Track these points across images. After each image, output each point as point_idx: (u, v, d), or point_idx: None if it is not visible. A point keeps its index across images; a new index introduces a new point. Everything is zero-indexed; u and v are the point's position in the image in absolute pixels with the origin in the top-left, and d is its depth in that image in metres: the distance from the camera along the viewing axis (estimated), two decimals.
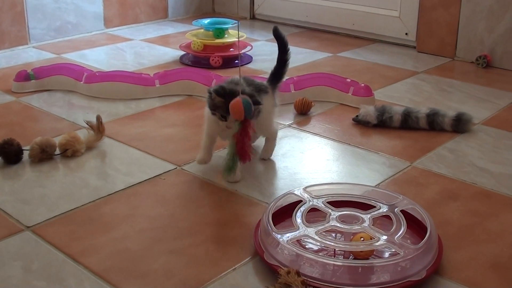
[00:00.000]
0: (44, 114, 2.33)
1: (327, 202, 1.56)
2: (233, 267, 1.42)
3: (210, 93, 1.78)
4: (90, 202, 1.70)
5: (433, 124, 2.19)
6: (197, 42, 2.97)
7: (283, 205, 1.58)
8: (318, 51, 3.24)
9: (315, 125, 2.25)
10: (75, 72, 2.58)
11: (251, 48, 3.08)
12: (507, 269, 1.42)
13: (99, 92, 2.50)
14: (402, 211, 1.53)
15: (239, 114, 1.71)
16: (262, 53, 3.13)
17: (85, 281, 1.36)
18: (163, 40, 3.45)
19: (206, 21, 3.12)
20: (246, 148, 1.76)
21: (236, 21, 3.15)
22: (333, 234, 1.49)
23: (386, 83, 2.73)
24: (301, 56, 3.13)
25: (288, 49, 2.01)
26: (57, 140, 1.98)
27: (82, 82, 2.53)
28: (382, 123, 2.21)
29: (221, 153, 1.96)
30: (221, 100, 1.75)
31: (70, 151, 1.96)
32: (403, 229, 1.44)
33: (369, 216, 1.50)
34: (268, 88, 1.95)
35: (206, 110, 1.85)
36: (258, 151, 2.00)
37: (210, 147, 1.89)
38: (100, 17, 3.57)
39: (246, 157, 1.77)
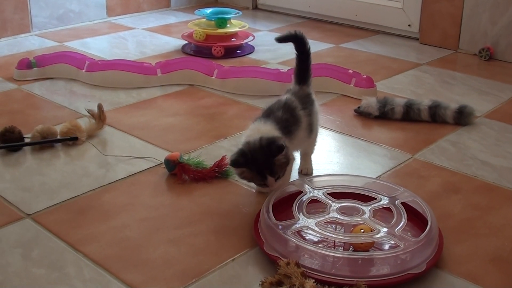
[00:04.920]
0: (46, 102, 2.32)
1: (328, 194, 1.56)
2: (233, 257, 1.42)
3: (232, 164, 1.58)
4: (90, 190, 1.70)
5: (435, 117, 2.18)
6: (199, 32, 2.97)
7: (284, 196, 1.58)
8: (321, 42, 3.23)
9: None
10: (77, 60, 2.57)
11: (254, 38, 3.07)
12: (507, 263, 1.42)
13: (100, 80, 2.50)
14: (402, 203, 1.52)
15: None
16: (265, 44, 3.12)
17: (85, 269, 1.36)
18: (165, 29, 3.44)
19: (209, 10, 3.11)
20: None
21: (239, 11, 3.14)
22: (333, 226, 1.49)
23: (388, 74, 2.72)
24: None
25: (306, 41, 1.91)
26: (58, 128, 1.98)
27: (84, 71, 2.52)
28: (383, 114, 2.20)
29: (223, 144, 1.97)
30: (247, 172, 1.58)
31: None
32: (403, 222, 1.44)
33: (369, 208, 1.49)
34: (311, 95, 1.77)
35: None
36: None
37: None
38: (103, 5, 3.56)
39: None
